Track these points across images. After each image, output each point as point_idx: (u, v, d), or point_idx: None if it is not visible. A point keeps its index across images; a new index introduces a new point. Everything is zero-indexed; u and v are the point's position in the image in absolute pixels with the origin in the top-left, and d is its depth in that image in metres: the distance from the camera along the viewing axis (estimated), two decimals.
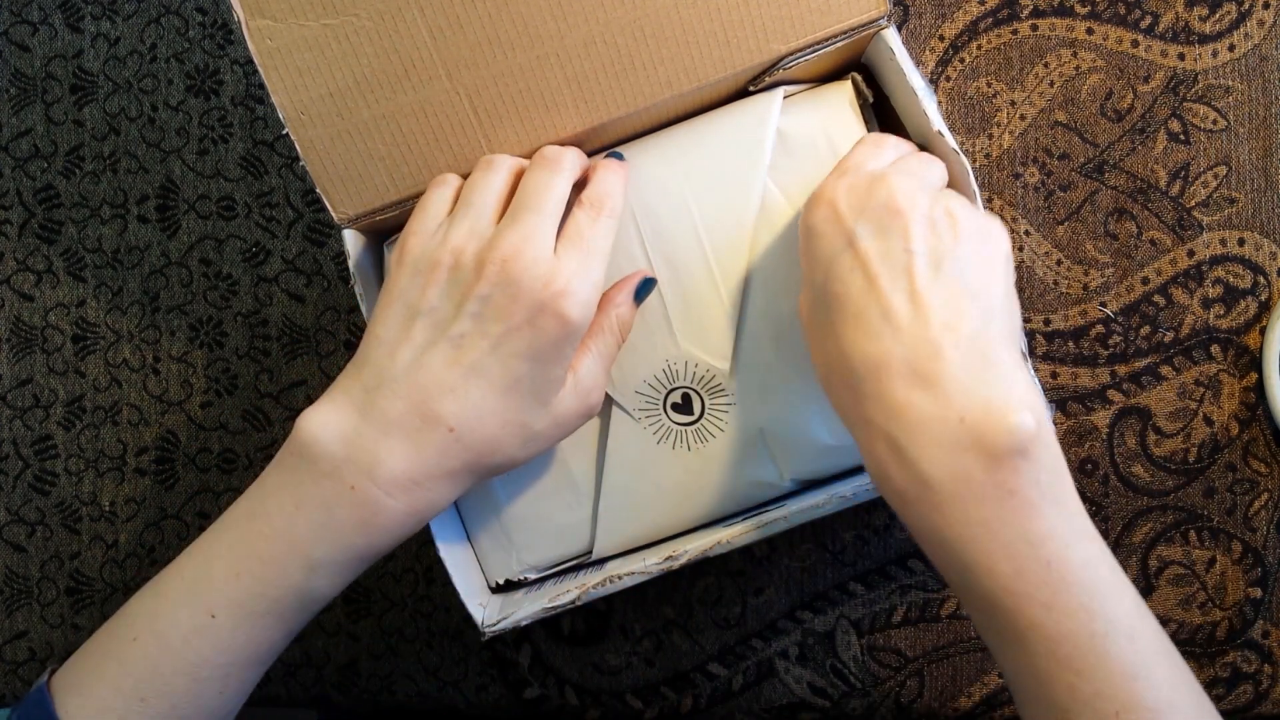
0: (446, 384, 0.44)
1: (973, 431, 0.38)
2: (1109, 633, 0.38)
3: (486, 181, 0.46)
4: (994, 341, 0.40)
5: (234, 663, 0.45)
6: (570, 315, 0.43)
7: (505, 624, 0.50)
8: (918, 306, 0.40)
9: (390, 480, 0.43)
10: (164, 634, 0.44)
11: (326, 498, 0.43)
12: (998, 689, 0.58)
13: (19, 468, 0.66)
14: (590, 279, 0.44)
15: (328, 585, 0.45)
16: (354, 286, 0.50)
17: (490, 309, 0.43)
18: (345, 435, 0.44)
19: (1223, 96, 0.57)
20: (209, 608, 0.44)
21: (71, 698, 0.44)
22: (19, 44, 0.67)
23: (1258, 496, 0.57)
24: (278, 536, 0.44)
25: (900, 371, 0.39)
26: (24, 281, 0.67)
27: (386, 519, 0.44)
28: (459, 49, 0.47)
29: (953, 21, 0.59)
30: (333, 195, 0.50)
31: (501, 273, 0.43)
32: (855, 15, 0.48)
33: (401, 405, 0.44)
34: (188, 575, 0.45)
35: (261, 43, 0.47)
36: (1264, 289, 0.57)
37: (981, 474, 0.38)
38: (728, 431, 0.51)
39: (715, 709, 0.61)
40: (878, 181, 0.42)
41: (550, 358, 0.44)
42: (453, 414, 0.44)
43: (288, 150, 0.65)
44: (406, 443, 0.43)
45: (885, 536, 0.59)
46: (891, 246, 0.41)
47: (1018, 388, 0.39)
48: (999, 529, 0.38)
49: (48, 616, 0.66)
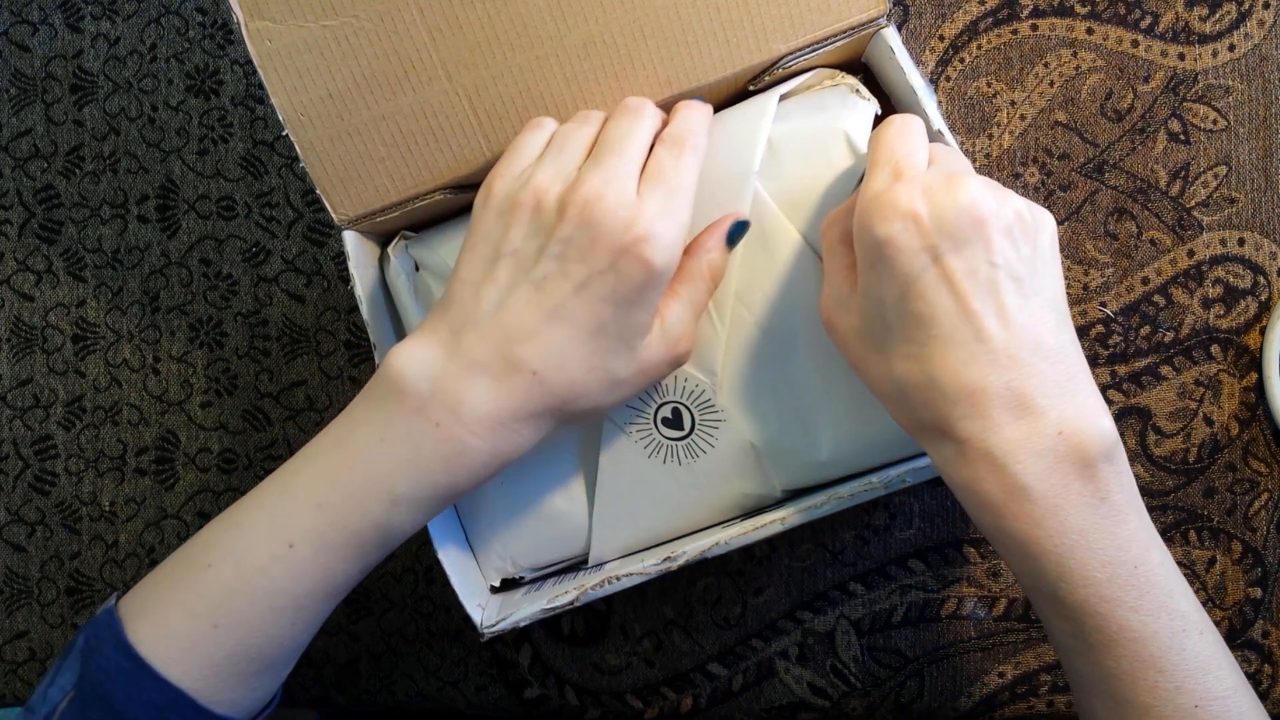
0: (529, 327, 0.43)
1: (1069, 442, 0.39)
2: (1186, 629, 0.39)
3: (576, 130, 0.46)
4: (1069, 345, 0.40)
5: (309, 594, 0.44)
6: (653, 260, 0.43)
7: (504, 625, 0.50)
8: (1009, 327, 0.39)
9: (475, 420, 0.43)
10: (240, 562, 0.44)
11: (412, 433, 0.43)
12: (998, 689, 0.58)
13: (19, 468, 0.66)
14: (674, 221, 0.43)
15: (408, 521, 0.45)
16: (354, 287, 0.50)
17: (572, 251, 0.43)
18: (432, 373, 0.43)
19: (1223, 96, 0.57)
20: (288, 537, 0.44)
21: (141, 621, 0.44)
22: (19, 44, 0.67)
23: (1258, 496, 0.57)
24: (361, 469, 0.44)
25: (999, 394, 0.39)
26: (24, 281, 0.67)
27: (470, 459, 0.44)
28: (458, 50, 0.47)
29: (953, 21, 0.59)
30: (332, 196, 0.50)
31: (583, 215, 0.42)
32: (855, 14, 0.48)
33: (486, 347, 0.43)
34: (267, 505, 0.45)
35: (261, 44, 0.47)
36: (1264, 289, 0.57)
37: (1079, 483, 0.39)
38: (719, 447, 0.50)
39: (715, 709, 0.61)
40: (955, 187, 0.40)
41: (634, 303, 0.43)
42: (536, 357, 0.43)
43: (288, 150, 0.64)
44: (491, 384, 0.43)
45: (885, 536, 0.59)
46: (976, 261, 0.40)
47: (1094, 393, 0.40)
48: (1094, 537, 0.39)
49: (48, 616, 0.66)
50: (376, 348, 0.50)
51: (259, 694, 0.47)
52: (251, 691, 0.46)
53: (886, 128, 0.44)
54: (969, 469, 0.40)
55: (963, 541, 0.59)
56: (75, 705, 0.44)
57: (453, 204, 0.52)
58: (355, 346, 0.64)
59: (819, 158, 0.48)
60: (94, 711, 0.44)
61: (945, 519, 0.59)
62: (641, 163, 0.45)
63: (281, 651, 0.46)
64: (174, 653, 0.44)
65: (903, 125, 0.44)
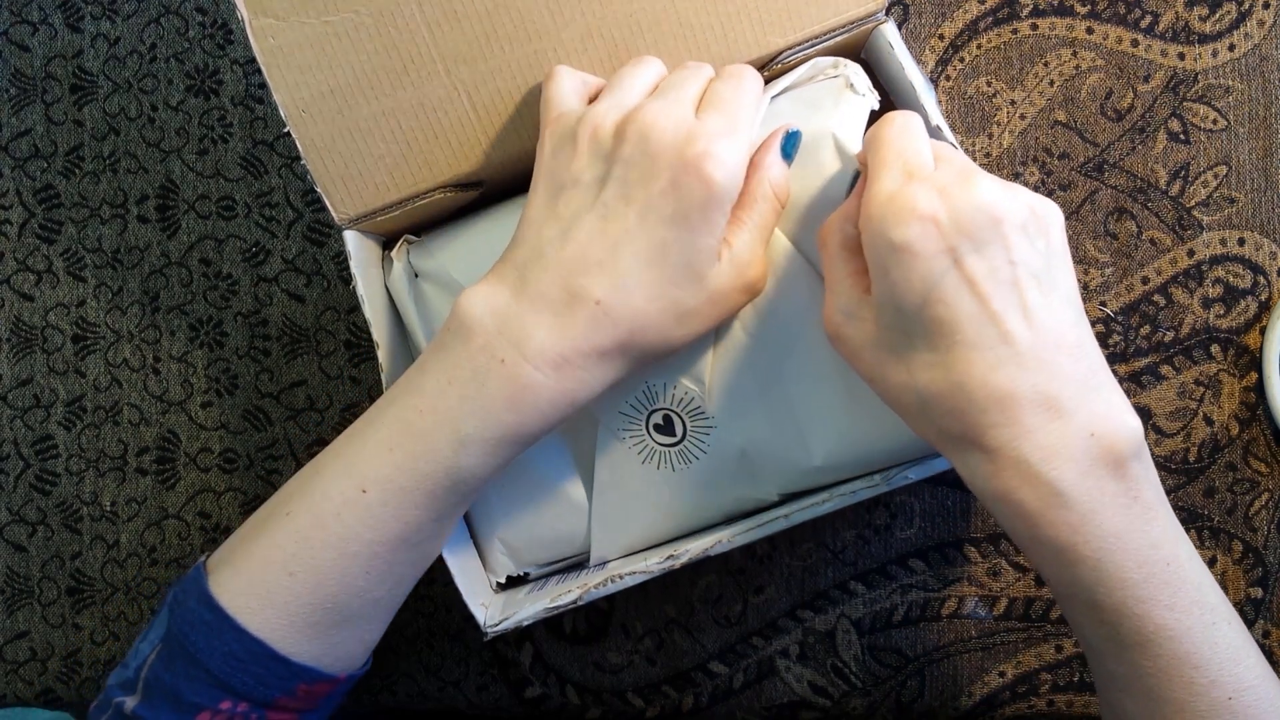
0: (593, 257, 0.43)
1: (1101, 443, 0.38)
2: (1216, 622, 0.39)
3: (634, 70, 0.46)
4: (1087, 340, 0.40)
5: (382, 540, 0.44)
6: (714, 176, 0.41)
7: (507, 624, 0.50)
8: (1034, 327, 0.38)
9: (539, 355, 0.42)
10: (315, 508, 0.44)
11: (477, 370, 0.43)
12: (998, 689, 0.58)
13: (20, 467, 0.66)
14: (734, 140, 0.42)
15: (477, 464, 0.44)
16: (355, 287, 0.50)
17: (633, 173, 0.42)
18: (498, 310, 0.43)
19: (1223, 96, 0.57)
20: (361, 482, 0.44)
21: (223, 571, 0.45)
22: (19, 44, 0.67)
23: (1258, 496, 0.57)
24: (430, 410, 0.43)
25: (1030, 398, 0.38)
26: (24, 281, 0.67)
27: (535, 395, 0.43)
28: (456, 44, 0.47)
29: (952, 21, 0.59)
30: (333, 195, 0.50)
31: (640, 135, 0.42)
32: (853, 8, 0.48)
33: (551, 280, 0.43)
34: (344, 453, 0.45)
35: (264, 41, 0.47)
36: (1264, 289, 0.57)
37: (1113, 484, 0.38)
38: (711, 454, 0.50)
39: (716, 707, 0.61)
40: (970, 186, 0.39)
41: (697, 224, 0.42)
42: (599, 286, 0.42)
43: (288, 150, 0.65)
44: (555, 318, 0.43)
45: (886, 536, 0.59)
46: (997, 261, 0.38)
47: (1116, 387, 0.40)
48: (1129, 537, 0.38)
49: (49, 616, 0.66)
50: (378, 347, 0.50)
51: (342, 651, 0.47)
52: (333, 646, 0.46)
53: (887, 126, 0.42)
54: (1001, 479, 0.39)
55: (963, 541, 0.59)
56: (162, 657, 0.45)
57: (453, 203, 0.52)
58: (355, 346, 0.64)
59: (807, 160, 0.46)
60: (179, 663, 0.44)
61: (946, 518, 0.59)
62: (698, 100, 0.44)
63: (360, 604, 0.45)
64: (252, 602, 0.44)
65: (905, 123, 0.42)
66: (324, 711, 0.49)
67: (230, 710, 0.45)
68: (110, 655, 0.65)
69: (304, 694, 0.46)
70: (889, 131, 0.42)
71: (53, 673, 0.66)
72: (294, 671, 0.45)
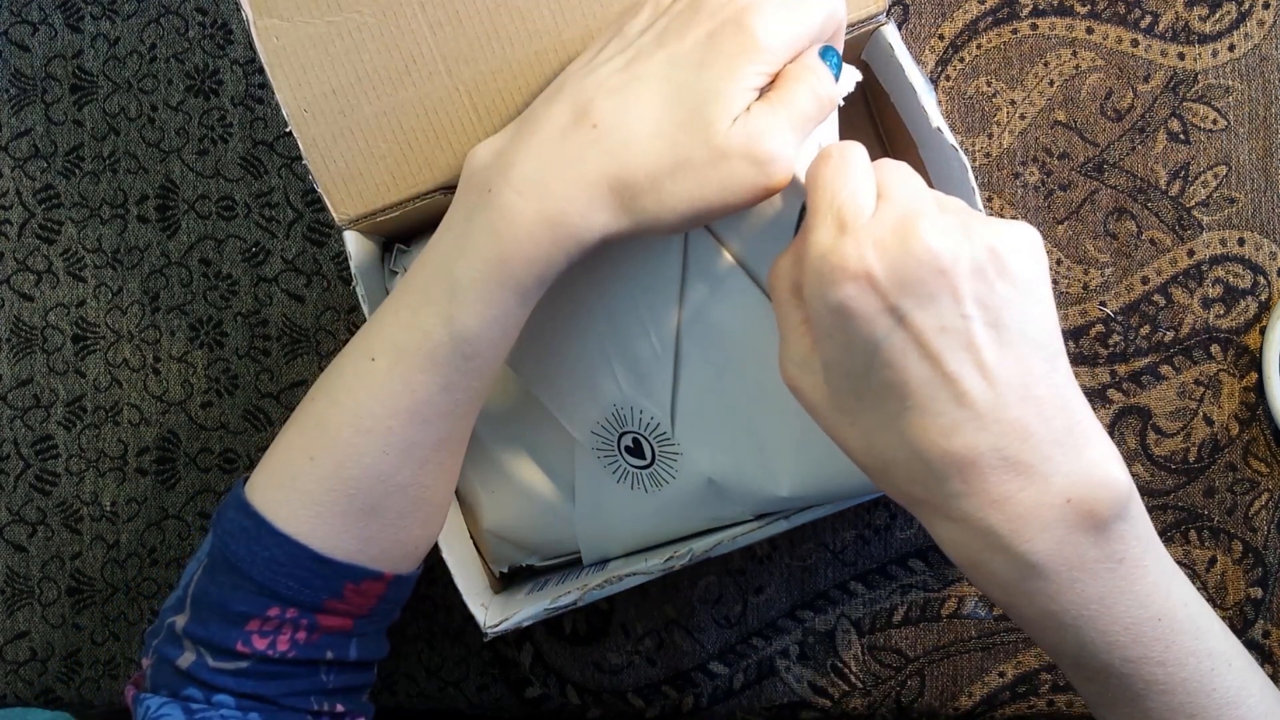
0: (608, 85, 0.41)
1: (1080, 509, 0.36)
2: (1215, 668, 0.38)
3: None
4: (1064, 387, 0.37)
5: (392, 414, 0.42)
6: (753, 27, 0.39)
7: (507, 625, 0.50)
8: (994, 384, 0.35)
9: (521, 177, 0.40)
10: (331, 387, 0.44)
11: (468, 206, 0.42)
12: (998, 689, 0.58)
13: (20, 468, 0.66)
14: (789, 14, 0.40)
15: (471, 317, 0.41)
16: (355, 287, 0.50)
17: (676, 24, 0.41)
18: (498, 148, 0.42)
19: (1223, 96, 0.57)
20: (369, 350, 0.43)
21: (257, 476, 0.45)
22: (19, 44, 0.67)
23: (1258, 496, 0.57)
24: (428, 262, 0.42)
25: (992, 464, 0.35)
26: (24, 281, 0.67)
27: (514, 223, 0.40)
28: (458, 44, 0.47)
29: (952, 21, 0.59)
30: (334, 195, 0.50)
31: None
32: (854, 11, 0.47)
33: (560, 108, 0.41)
34: (363, 330, 0.44)
35: (269, 41, 0.47)
36: (1264, 289, 0.57)
37: (1093, 549, 0.36)
38: (679, 479, 0.50)
39: (716, 708, 0.61)
40: (908, 236, 0.35)
41: (720, 70, 0.39)
42: (601, 109, 0.40)
43: (288, 150, 0.65)
44: (546, 143, 0.41)
45: (886, 536, 0.59)
46: (946, 315, 0.35)
47: (1102, 440, 0.37)
48: (1113, 601, 0.36)
49: (49, 616, 0.66)
50: None
51: (378, 547, 0.45)
52: (368, 542, 0.44)
53: (823, 164, 0.39)
54: (971, 549, 0.37)
55: None
56: (207, 571, 0.44)
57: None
58: None
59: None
60: (222, 574, 0.44)
61: None
62: None
63: (384, 490, 0.44)
64: (279, 494, 0.44)
65: (840, 159, 0.38)
66: (380, 621, 0.47)
67: (279, 617, 0.44)
68: (110, 655, 0.65)
69: (352, 594, 0.45)
70: (824, 171, 0.38)
71: (53, 673, 0.66)
72: (336, 570, 0.44)
